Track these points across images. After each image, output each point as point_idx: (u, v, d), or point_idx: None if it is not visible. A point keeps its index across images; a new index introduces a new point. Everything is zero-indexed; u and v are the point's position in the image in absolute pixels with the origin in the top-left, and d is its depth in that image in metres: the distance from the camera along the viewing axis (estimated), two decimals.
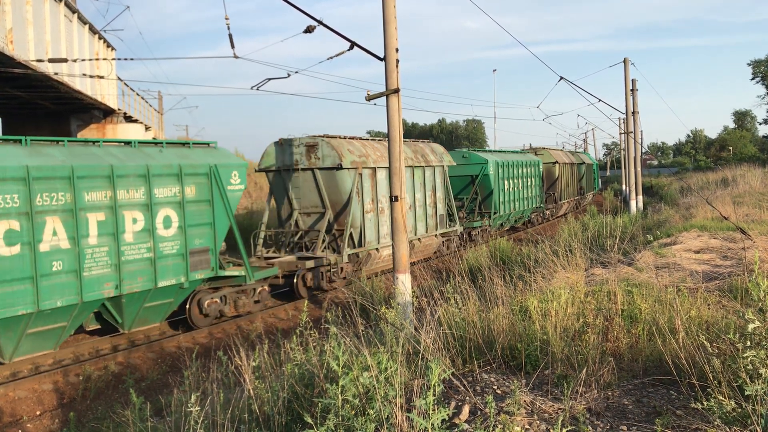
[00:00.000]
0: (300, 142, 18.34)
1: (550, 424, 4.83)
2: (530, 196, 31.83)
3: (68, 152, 11.50)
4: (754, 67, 73.12)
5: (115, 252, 11.77)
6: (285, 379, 5.79)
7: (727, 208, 19.70)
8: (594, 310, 7.33)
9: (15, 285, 10.38)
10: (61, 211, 10.98)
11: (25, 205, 10.50)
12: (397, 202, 11.39)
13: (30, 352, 11.34)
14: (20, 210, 10.45)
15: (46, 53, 17.75)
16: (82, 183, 11.30)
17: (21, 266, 10.43)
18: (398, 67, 11.34)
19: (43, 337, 11.30)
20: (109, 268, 11.71)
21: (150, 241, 12.35)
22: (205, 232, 13.44)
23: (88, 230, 11.37)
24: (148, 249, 12.34)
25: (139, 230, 12.20)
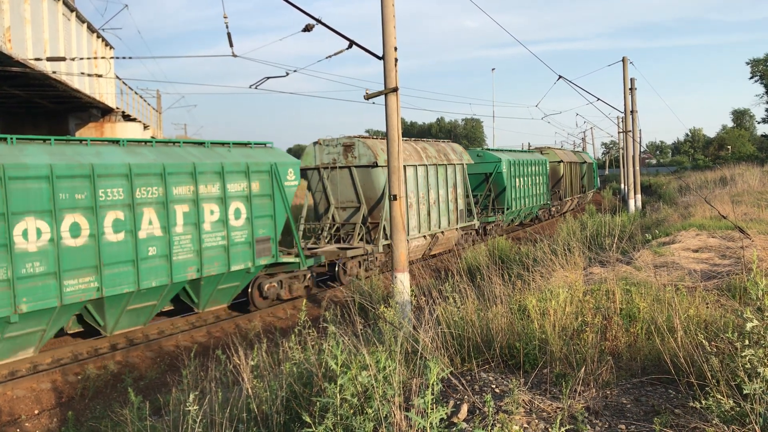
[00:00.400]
0: (338, 142, 19.96)
1: (548, 423, 4.83)
2: (538, 194, 33.18)
3: (157, 151, 13.10)
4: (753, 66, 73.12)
5: (197, 240, 13.38)
6: (283, 378, 5.78)
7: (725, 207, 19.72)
8: (592, 309, 7.33)
9: (120, 267, 11.98)
10: (155, 203, 12.58)
11: (128, 197, 12.11)
12: (396, 201, 11.39)
13: (126, 326, 13.00)
14: (124, 202, 12.06)
15: (45, 52, 17.72)
16: (171, 179, 12.87)
17: (125, 251, 12.06)
18: (397, 66, 11.33)
19: (137, 314, 12.97)
20: (192, 253, 13.29)
21: (224, 230, 13.97)
22: (267, 223, 15.04)
23: (175, 220, 12.95)
24: (223, 237, 13.96)
25: (215, 221, 13.79)
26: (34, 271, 10.69)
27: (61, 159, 11.28)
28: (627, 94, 32.65)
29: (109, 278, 11.71)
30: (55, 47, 18.88)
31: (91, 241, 11.49)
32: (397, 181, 11.46)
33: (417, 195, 21.08)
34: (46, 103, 22.76)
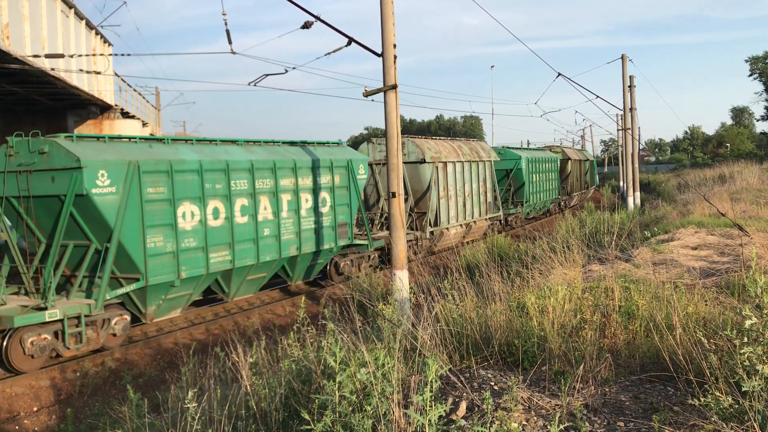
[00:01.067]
0: None
1: (547, 420, 4.83)
2: (551, 189, 36.05)
3: (267, 150, 15.79)
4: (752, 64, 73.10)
5: (297, 223, 16.08)
6: (282, 376, 5.78)
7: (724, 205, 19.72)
8: (591, 306, 7.33)
9: (245, 244, 14.58)
10: (268, 192, 15.22)
11: (250, 188, 14.70)
12: (395, 198, 11.38)
13: (243, 294, 15.66)
14: (248, 191, 14.66)
15: (43, 49, 17.69)
16: (279, 172, 15.54)
17: (249, 231, 14.68)
18: (396, 63, 11.32)
19: (252, 284, 15.57)
20: (293, 235, 16.00)
21: (315, 215, 16.75)
22: (345, 211, 17.78)
23: (282, 207, 15.64)
24: (314, 222, 16.71)
25: (309, 207, 16.53)
26: (189, 245, 13.27)
27: (205, 156, 13.90)
28: (626, 92, 32.64)
29: (238, 253, 14.34)
30: (53, 44, 18.84)
31: (226, 222, 14.11)
32: (397, 178, 11.45)
33: (455, 188, 23.77)
34: (44, 100, 22.73)
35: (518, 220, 31.44)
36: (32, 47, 16.92)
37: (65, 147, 11.72)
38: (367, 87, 11.84)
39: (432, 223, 22.37)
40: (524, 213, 31.92)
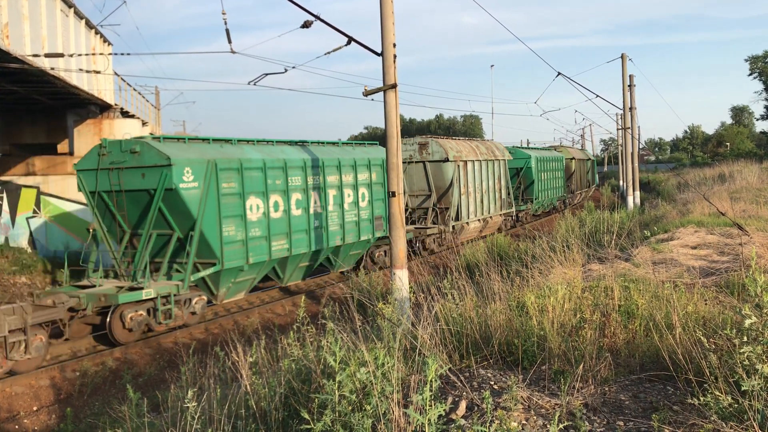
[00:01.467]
0: (414, 141, 24.23)
1: (546, 419, 4.83)
2: (557, 186, 38.10)
3: (315, 149, 17.63)
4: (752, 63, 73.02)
5: (341, 216, 17.87)
6: (282, 375, 5.77)
7: (724, 204, 19.72)
8: (591, 305, 7.33)
9: (299, 234, 16.41)
10: (317, 188, 17.08)
11: (303, 183, 16.52)
12: (394, 198, 11.37)
13: (294, 280, 17.63)
14: (301, 187, 16.49)
15: (43, 48, 17.67)
16: (327, 170, 17.30)
17: (302, 222, 16.47)
18: (396, 63, 11.31)
19: (301, 270, 17.55)
20: (338, 226, 17.78)
21: (356, 209, 18.53)
22: (381, 205, 19.46)
23: (329, 201, 17.43)
24: (355, 215, 18.49)
25: (351, 202, 18.27)
26: (255, 234, 14.93)
27: (267, 155, 15.58)
28: (626, 91, 32.63)
29: (294, 242, 16.17)
30: (53, 43, 18.83)
31: (284, 215, 15.86)
32: (396, 177, 11.44)
33: (474, 185, 25.37)
34: (44, 100, 22.71)
35: (528, 216, 33.13)
36: (32, 46, 16.90)
37: (155, 147, 13.46)
38: (367, 86, 11.84)
39: (454, 218, 23.93)
40: (533, 210, 33.62)
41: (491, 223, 27.42)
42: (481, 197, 26.00)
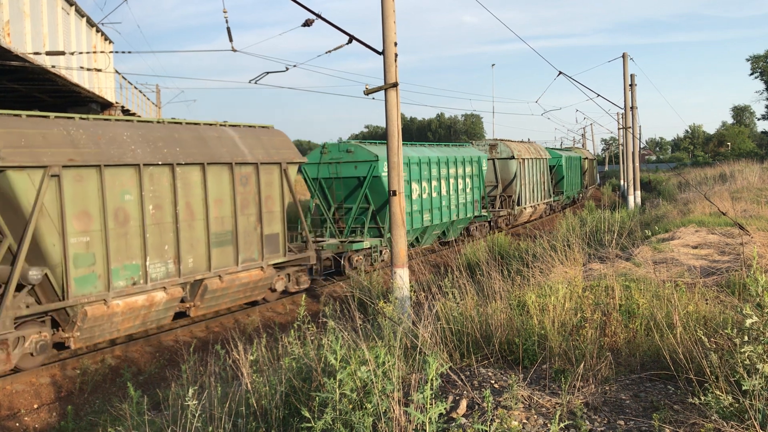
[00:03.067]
0: (486, 142, 30.83)
1: (547, 418, 4.83)
2: (578, 182, 44.73)
3: (437, 149, 24.33)
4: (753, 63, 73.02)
5: (456, 199, 24.55)
6: (282, 373, 5.78)
7: (725, 204, 19.71)
8: (592, 304, 7.33)
9: (435, 211, 22.90)
10: (442, 177, 23.43)
11: (437, 173, 23.06)
12: (396, 197, 11.37)
13: (426, 244, 23.75)
14: (436, 176, 22.98)
15: (44, 46, 17.67)
16: (449, 164, 24.04)
17: (436, 202, 23.06)
18: (397, 61, 11.30)
19: (432, 238, 23.91)
20: (454, 206, 24.42)
21: (464, 194, 25.25)
22: (477, 192, 26.44)
23: (449, 187, 24.02)
24: (463, 198, 25.22)
25: (461, 188, 24.95)
26: (414, 209, 21.50)
27: (418, 153, 22.30)
28: (627, 91, 32.61)
29: (433, 216, 22.86)
30: (54, 41, 18.83)
31: (428, 196, 22.38)
32: (397, 176, 11.43)
33: (527, 178, 31.71)
34: (45, 98, 22.71)
35: (559, 205, 39.35)
36: (33, 44, 16.91)
37: (366, 148, 20.20)
38: (368, 85, 11.82)
39: (514, 204, 30.52)
40: (561, 202, 39.90)
41: (538, 210, 34.04)
42: (532, 188, 32.62)
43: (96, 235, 11.40)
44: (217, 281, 13.77)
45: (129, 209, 11.96)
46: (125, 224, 11.89)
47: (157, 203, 12.47)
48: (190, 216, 13.18)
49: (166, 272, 12.64)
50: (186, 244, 13.02)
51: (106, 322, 11.62)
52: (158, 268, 12.47)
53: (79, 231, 11.14)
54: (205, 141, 13.91)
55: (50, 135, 10.94)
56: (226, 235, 14.02)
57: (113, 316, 11.66)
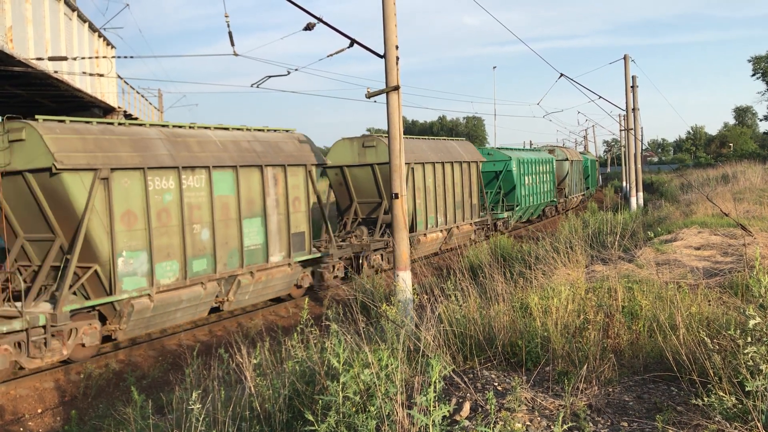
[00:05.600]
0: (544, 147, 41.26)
1: (550, 420, 4.83)
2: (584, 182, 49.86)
3: (532, 152, 35.44)
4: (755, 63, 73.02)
5: (541, 188, 33.41)
6: (286, 377, 5.78)
7: (727, 205, 19.69)
8: (594, 306, 7.32)
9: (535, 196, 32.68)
10: (537, 173, 32.94)
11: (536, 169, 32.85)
12: (398, 200, 11.38)
13: (526, 218, 32.71)
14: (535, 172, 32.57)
15: (46, 51, 17.72)
16: (541, 164, 33.38)
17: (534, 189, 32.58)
18: (398, 64, 11.33)
19: (529, 213, 32.91)
20: (541, 193, 33.54)
21: (545, 185, 33.98)
22: (552, 184, 35.34)
23: (542, 179, 33.57)
24: (547, 187, 34.45)
25: (546, 181, 34.14)
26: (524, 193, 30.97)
27: (524, 155, 32.15)
28: (629, 92, 32.61)
29: (536, 198, 32.49)
30: (56, 47, 18.88)
31: (533, 186, 32.08)
32: (399, 179, 11.45)
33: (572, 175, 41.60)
34: (48, 103, 22.75)
35: (586, 197, 47.07)
36: (35, 50, 16.96)
37: (501, 151, 30.39)
38: (370, 88, 11.85)
39: (566, 195, 39.64)
40: (587, 195, 48.00)
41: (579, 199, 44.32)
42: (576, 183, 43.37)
43: (140, 234, 12.21)
44: (249, 277, 14.49)
45: (170, 209, 12.76)
46: (167, 223, 12.69)
47: (196, 203, 13.36)
48: (226, 216, 13.98)
49: (204, 269, 13.46)
50: (221, 243, 13.81)
51: (150, 316, 12.45)
52: (197, 265, 13.30)
53: (125, 230, 11.98)
54: (238, 143, 14.73)
55: (99, 140, 11.84)
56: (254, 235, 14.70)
57: (156, 309, 12.50)
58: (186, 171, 12.99)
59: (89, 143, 11.57)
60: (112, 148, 11.85)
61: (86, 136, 11.68)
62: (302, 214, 16.20)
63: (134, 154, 12.16)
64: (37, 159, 11.17)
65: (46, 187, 11.45)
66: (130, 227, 12.01)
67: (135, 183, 12.10)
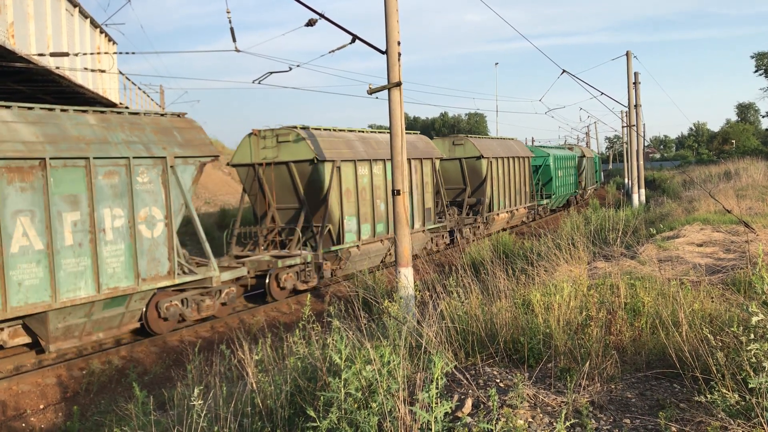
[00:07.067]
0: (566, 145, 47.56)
1: (553, 417, 4.82)
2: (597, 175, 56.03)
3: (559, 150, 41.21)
4: (758, 60, 72.86)
5: (568, 181, 39.71)
6: (288, 373, 5.78)
7: (730, 201, 19.66)
8: (597, 303, 7.31)
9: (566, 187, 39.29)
10: (567, 167, 39.20)
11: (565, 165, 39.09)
12: (399, 196, 11.37)
13: (557, 205, 38.73)
14: (564, 166, 38.57)
15: (48, 47, 17.71)
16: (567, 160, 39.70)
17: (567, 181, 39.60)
18: (400, 61, 11.30)
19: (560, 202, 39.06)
20: (568, 184, 39.96)
21: (571, 177, 40.55)
22: (575, 177, 41.66)
23: (566, 173, 39.21)
24: (570, 180, 40.25)
25: (570, 174, 40.34)
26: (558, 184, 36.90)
27: (558, 153, 38.28)
28: (631, 89, 32.55)
29: (564, 189, 38.69)
30: (58, 43, 18.88)
31: (564, 177, 38.31)
32: (401, 175, 11.43)
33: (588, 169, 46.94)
34: (49, 99, 22.74)
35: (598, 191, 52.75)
36: (37, 46, 16.95)
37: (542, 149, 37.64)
38: (372, 84, 11.84)
39: (583, 187, 45.10)
40: (597, 187, 53.38)
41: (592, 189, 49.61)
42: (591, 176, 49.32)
43: (353, 205, 18.09)
44: None
45: (366, 188, 18.73)
46: (365, 198, 18.68)
47: (378, 184, 19.17)
48: (385, 194, 19.42)
49: (382, 230, 19.34)
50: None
51: (357, 261, 18.34)
52: (379, 227, 19.22)
53: (345, 201, 17.75)
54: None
55: (333, 142, 17.75)
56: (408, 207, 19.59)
57: (360, 256, 18.40)
58: (374, 162, 18.89)
59: (327, 143, 17.29)
60: (338, 147, 17.69)
61: (326, 139, 17.52)
62: (430, 195, 21.85)
63: (349, 151, 17.98)
64: (301, 154, 17.06)
65: (304, 173, 17.21)
66: (348, 200, 17.79)
67: (349, 170, 17.88)
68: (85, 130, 11.55)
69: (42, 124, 11.02)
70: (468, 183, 26.21)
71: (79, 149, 11.14)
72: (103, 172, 11.47)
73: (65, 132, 11.20)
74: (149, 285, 12.19)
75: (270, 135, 17.57)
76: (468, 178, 26.19)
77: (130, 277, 11.81)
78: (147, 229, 12.21)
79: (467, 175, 26.18)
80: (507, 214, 28.55)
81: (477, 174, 26.19)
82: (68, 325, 11.21)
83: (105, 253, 11.38)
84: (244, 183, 18.44)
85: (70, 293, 10.93)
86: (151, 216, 12.30)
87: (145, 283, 12.07)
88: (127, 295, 11.82)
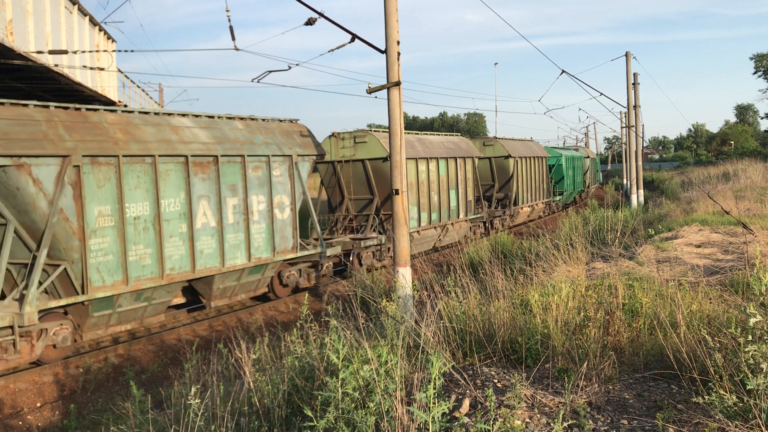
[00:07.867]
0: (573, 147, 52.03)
1: (550, 417, 4.82)
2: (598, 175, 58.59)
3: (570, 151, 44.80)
4: (757, 61, 72.95)
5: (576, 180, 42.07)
6: (285, 372, 5.77)
7: (728, 203, 19.67)
8: (595, 303, 7.31)
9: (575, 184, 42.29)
10: (574, 167, 41.48)
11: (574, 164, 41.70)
12: (398, 196, 11.36)
13: (568, 201, 41.35)
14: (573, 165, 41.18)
15: (47, 45, 17.68)
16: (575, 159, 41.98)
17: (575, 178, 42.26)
18: (399, 60, 11.29)
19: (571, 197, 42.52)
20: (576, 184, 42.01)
21: (578, 176, 43.07)
22: (581, 175, 44.18)
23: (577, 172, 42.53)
24: (578, 179, 42.71)
25: (576, 175, 42.24)
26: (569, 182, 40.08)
27: (568, 153, 40.75)
28: (630, 89, 32.55)
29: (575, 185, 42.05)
30: (57, 40, 18.84)
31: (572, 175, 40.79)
32: (400, 175, 11.42)
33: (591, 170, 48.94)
34: (48, 97, 22.71)
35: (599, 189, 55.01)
36: (36, 43, 16.92)
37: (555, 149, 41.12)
38: (371, 84, 11.82)
39: (587, 186, 46.53)
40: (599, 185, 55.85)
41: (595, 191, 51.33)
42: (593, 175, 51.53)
43: (414, 196, 20.57)
44: (451, 226, 23.07)
45: (424, 182, 21.20)
46: (422, 190, 21.17)
47: (431, 179, 21.64)
48: (441, 187, 22.37)
49: (435, 219, 21.94)
50: (442, 203, 22.39)
51: (417, 243, 21.06)
52: (433, 216, 21.80)
53: (410, 193, 19.85)
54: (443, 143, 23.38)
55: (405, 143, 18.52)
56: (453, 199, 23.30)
57: (420, 240, 21.15)
58: (430, 160, 21.41)
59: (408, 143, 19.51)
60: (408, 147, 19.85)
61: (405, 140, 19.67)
62: (471, 189, 24.53)
63: (411, 150, 20.21)
64: (375, 153, 19.76)
65: (377, 169, 19.92)
66: (411, 192, 20.19)
67: (412, 167, 20.22)
68: (238, 134, 14.38)
69: (210, 128, 13.81)
70: (496, 180, 29.29)
71: (236, 148, 13.92)
72: (251, 166, 14.36)
73: (225, 134, 13.99)
74: (280, 257, 15.16)
75: (348, 137, 20.79)
76: (496, 176, 29.26)
77: (269, 250, 14.78)
78: (279, 212, 15.15)
79: (496, 173, 29.20)
80: (529, 208, 31.56)
81: (504, 172, 29.14)
82: (225, 286, 14.08)
83: (253, 230, 14.32)
84: (323, 178, 21.72)
85: (231, 261, 13.77)
86: (282, 202, 15.25)
87: (278, 255, 15.07)
88: (265, 264, 14.72)
